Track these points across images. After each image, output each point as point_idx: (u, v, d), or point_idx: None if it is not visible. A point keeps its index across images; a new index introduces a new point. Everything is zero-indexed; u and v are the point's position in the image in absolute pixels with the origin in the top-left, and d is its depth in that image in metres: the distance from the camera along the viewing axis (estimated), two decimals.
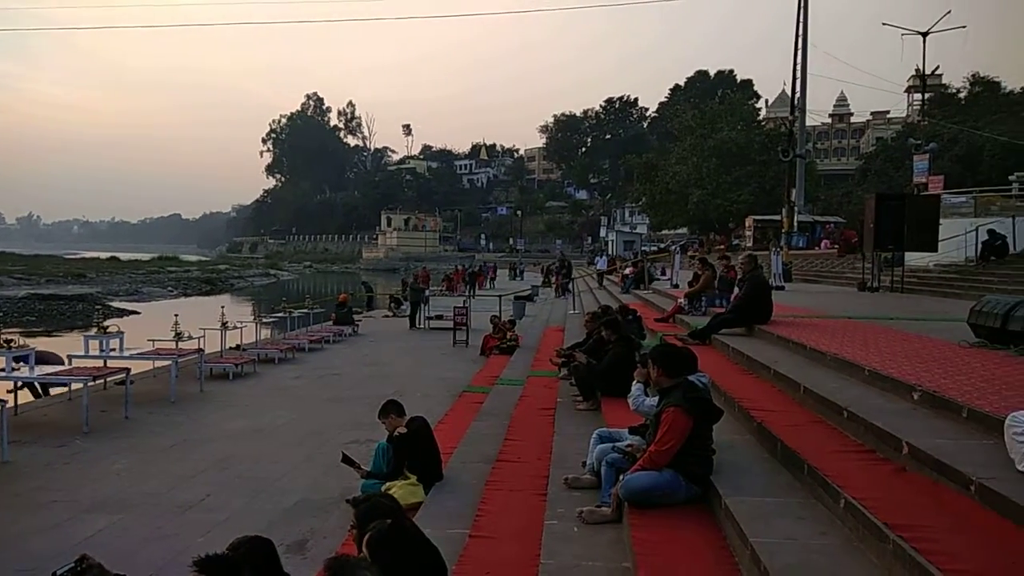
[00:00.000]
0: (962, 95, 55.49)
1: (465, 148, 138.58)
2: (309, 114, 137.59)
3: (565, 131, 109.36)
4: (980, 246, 17.18)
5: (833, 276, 22.34)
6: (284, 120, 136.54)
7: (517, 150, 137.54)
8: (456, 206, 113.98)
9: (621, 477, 4.22)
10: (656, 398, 4.69)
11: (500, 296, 21.88)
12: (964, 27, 34.98)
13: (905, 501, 3.29)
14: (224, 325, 13.89)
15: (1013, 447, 3.29)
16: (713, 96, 74.50)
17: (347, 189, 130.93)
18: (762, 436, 4.86)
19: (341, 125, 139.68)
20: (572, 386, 8.06)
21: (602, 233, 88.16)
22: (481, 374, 12.08)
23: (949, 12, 34.15)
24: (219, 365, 12.53)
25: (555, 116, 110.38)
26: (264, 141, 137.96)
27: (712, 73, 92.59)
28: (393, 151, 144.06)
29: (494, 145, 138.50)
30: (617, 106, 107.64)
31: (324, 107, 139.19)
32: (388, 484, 5.63)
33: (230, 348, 14.38)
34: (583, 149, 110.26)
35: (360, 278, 43.27)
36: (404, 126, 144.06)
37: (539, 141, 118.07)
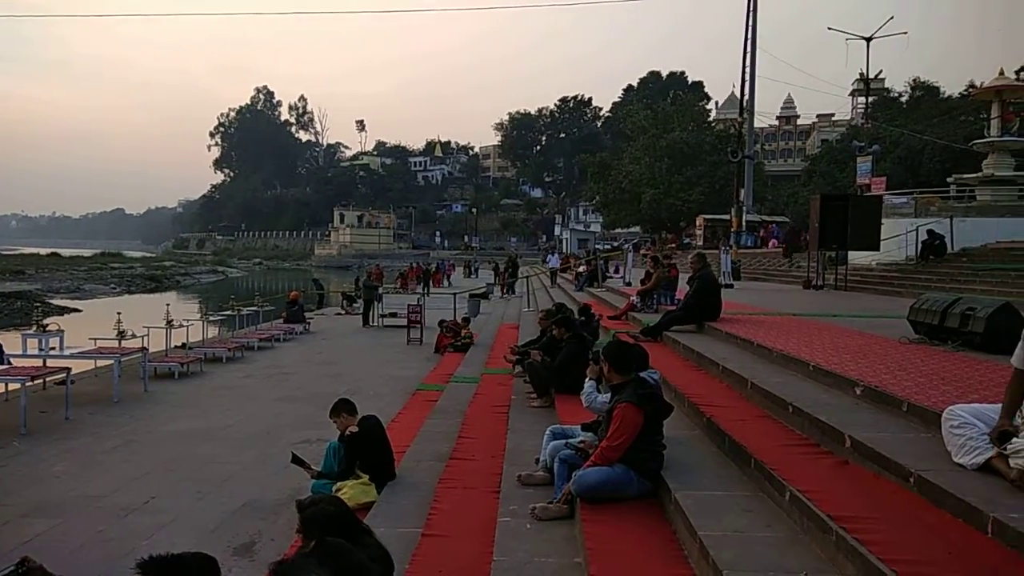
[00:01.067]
0: (904, 99, 57.35)
1: (420, 145, 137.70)
2: (259, 108, 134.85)
3: (520, 129, 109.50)
4: (920, 245, 17.79)
5: (780, 274, 22.88)
6: (233, 114, 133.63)
7: (472, 147, 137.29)
8: (411, 203, 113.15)
9: (574, 473, 4.25)
10: (608, 395, 4.73)
11: (455, 294, 21.81)
12: (905, 33, 36.33)
13: (848, 493, 3.38)
14: (169, 323, 13.52)
15: (950, 440, 3.41)
16: (665, 97, 75.48)
17: (299, 185, 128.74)
18: (711, 431, 4.95)
19: (292, 120, 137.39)
20: (526, 383, 8.09)
21: (556, 231, 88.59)
22: (435, 372, 12.03)
23: (892, 18, 35.42)
24: (164, 364, 12.19)
25: (510, 114, 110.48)
26: (212, 135, 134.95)
27: (664, 74, 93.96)
28: (346, 147, 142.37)
29: (449, 142, 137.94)
30: (571, 105, 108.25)
31: (275, 101, 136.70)
32: (339, 484, 5.56)
33: (176, 347, 14.02)
34: (538, 147, 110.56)
35: (312, 275, 42.58)
36: (358, 121, 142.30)
37: (494, 139, 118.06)
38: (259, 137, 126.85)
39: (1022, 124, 28.57)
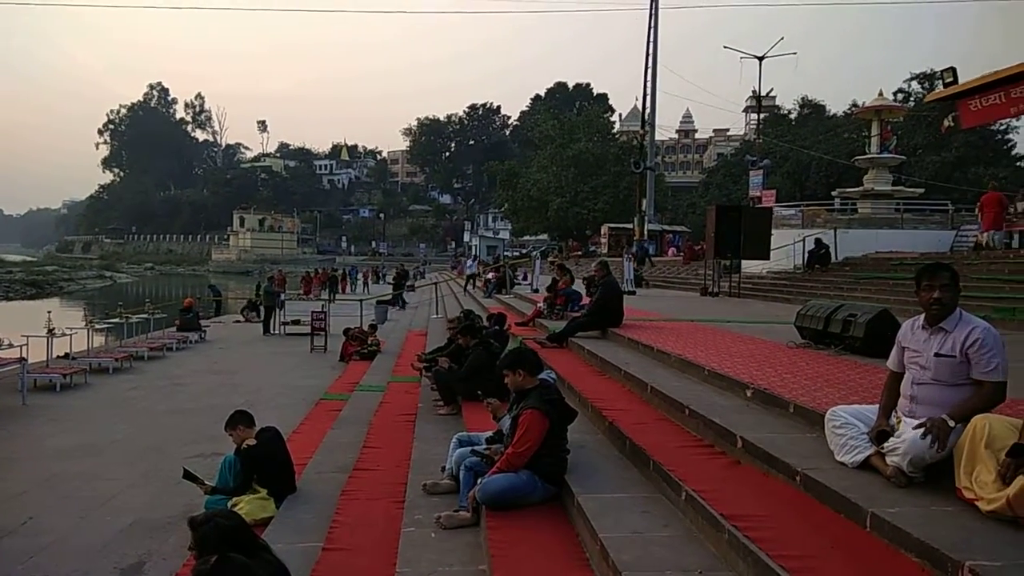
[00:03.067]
0: (793, 116, 60.79)
1: (325, 148, 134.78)
2: (152, 105, 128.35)
3: (429, 135, 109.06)
4: (807, 255, 18.87)
5: (679, 282, 23.70)
6: (124, 110, 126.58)
7: (380, 152, 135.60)
8: (315, 207, 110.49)
9: (479, 480, 4.24)
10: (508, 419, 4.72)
11: (361, 300, 21.44)
12: (795, 53, 38.33)
13: (739, 492, 3.53)
14: (51, 332, 12.67)
15: (832, 440, 3.61)
16: (571, 107, 77.18)
17: (195, 186, 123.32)
18: (613, 435, 5.06)
19: (188, 118, 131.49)
20: (433, 391, 8.03)
21: (466, 238, 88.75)
22: (340, 381, 11.78)
23: (782, 39, 37.31)
24: (45, 375, 11.40)
25: (419, 119, 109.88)
26: (101, 132, 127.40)
27: (571, 85, 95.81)
28: (247, 148, 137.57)
29: (356, 146, 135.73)
30: (480, 113, 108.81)
31: (169, 98, 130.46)
32: (235, 500, 5.34)
33: (58, 357, 13.13)
34: (447, 154, 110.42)
35: (209, 281, 40.84)
36: (259, 122, 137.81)
37: (403, 144, 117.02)
38: (152, 135, 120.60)
39: (899, 142, 30.87)
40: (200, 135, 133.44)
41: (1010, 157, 44.71)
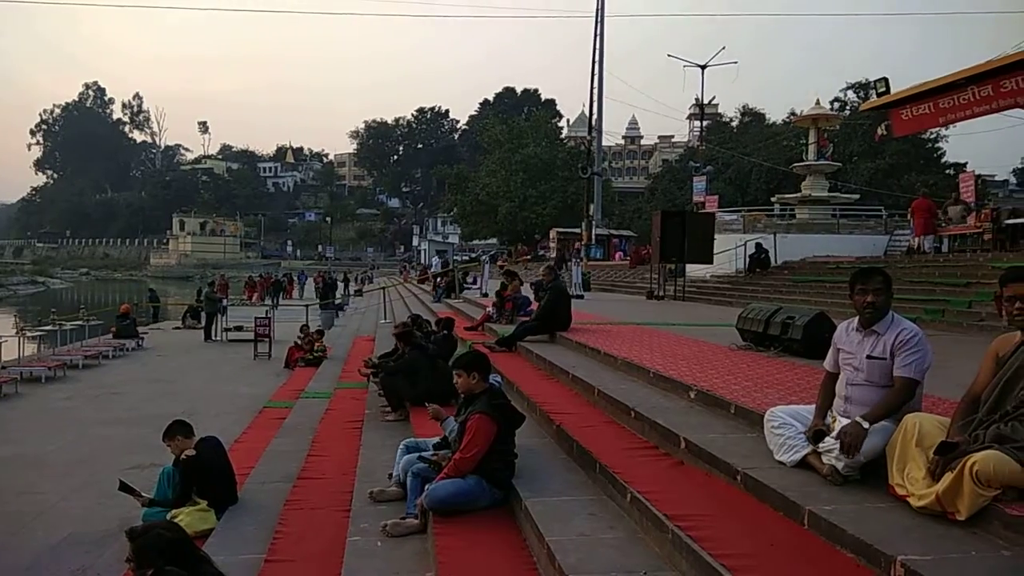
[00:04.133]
0: (734, 124, 62.36)
1: (270, 150, 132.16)
2: (88, 105, 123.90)
3: (376, 138, 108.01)
4: (748, 259, 19.35)
5: (626, 285, 24.02)
6: (58, 110, 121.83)
7: (327, 154, 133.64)
8: (260, 210, 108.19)
9: (426, 487, 4.21)
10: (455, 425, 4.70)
11: (307, 306, 21.10)
12: (736, 63, 39.36)
13: (682, 493, 3.59)
14: None
15: (771, 439, 3.70)
16: (520, 112, 77.54)
17: (133, 189, 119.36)
18: (561, 438, 5.09)
19: (126, 119, 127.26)
20: (381, 397, 7.95)
21: (415, 242, 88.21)
22: (284, 388, 11.55)
23: (724, 48, 38.36)
24: None
25: (366, 122, 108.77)
26: (33, 132, 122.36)
27: (519, 90, 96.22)
28: (187, 149, 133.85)
29: (301, 148, 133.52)
30: (429, 116, 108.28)
31: (106, 98, 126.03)
32: (174, 512, 5.18)
33: None
34: (395, 157, 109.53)
35: (148, 286, 39.61)
36: (200, 123, 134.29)
37: (350, 147, 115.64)
38: (88, 136, 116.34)
39: (835, 149, 31.93)
40: (138, 136, 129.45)
41: (940, 165, 46.68)
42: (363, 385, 9.27)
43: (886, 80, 12.24)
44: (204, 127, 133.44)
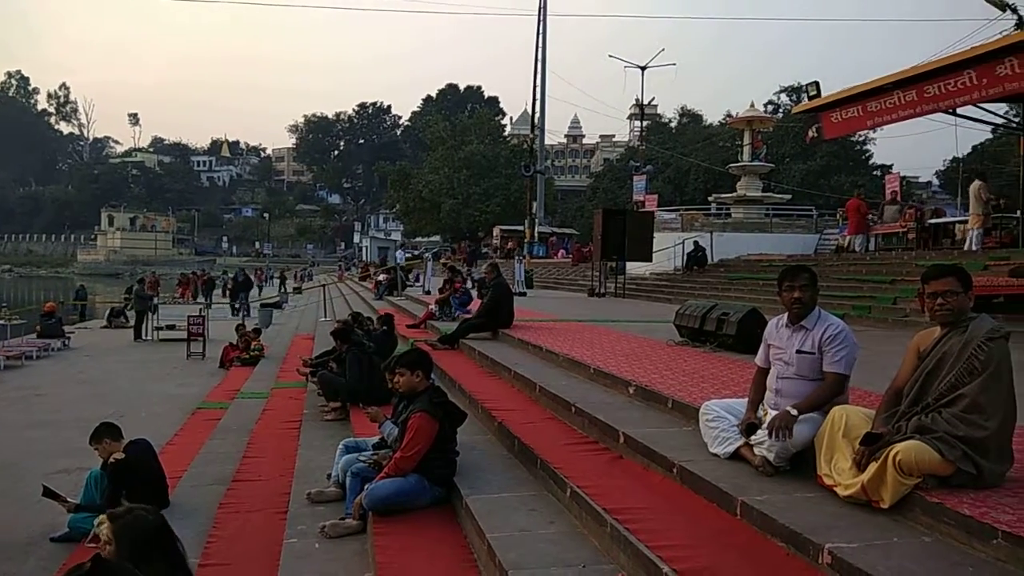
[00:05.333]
0: (673, 124, 63.53)
1: (204, 143, 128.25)
2: (11, 95, 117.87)
3: (317, 133, 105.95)
4: (686, 257, 19.77)
5: (568, 283, 24.23)
6: None
7: (264, 149, 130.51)
8: (193, 205, 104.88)
9: (366, 486, 4.16)
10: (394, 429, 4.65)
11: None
12: (674, 64, 40.18)
13: (621, 486, 3.64)
14: None
15: (706, 432, 3.80)
16: (463, 109, 77.31)
17: (59, 182, 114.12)
18: (502, 435, 5.10)
19: (52, 109, 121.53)
20: (320, 396, 7.81)
21: (356, 239, 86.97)
22: (219, 388, 11.24)
23: (663, 50, 39.09)
24: None
25: (306, 116, 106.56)
26: None
27: (462, 87, 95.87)
28: (117, 142, 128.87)
29: (238, 142, 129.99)
30: (371, 111, 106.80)
31: (30, 88, 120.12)
32: (102, 517, 4.98)
33: None
34: (336, 152, 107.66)
35: (76, 283, 37.99)
36: (131, 115, 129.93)
37: (288, 141, 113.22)
38: (10, 127, 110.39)
39: (769, 151, 32.88)
40: (65, 128, 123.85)
41: (868, 166, 48.63)
42: (302, 384, 9.10)
43: (817, 84, 12.67)
44: (135, 119, 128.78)
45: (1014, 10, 18.27)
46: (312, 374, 8.44)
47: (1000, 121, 14.91)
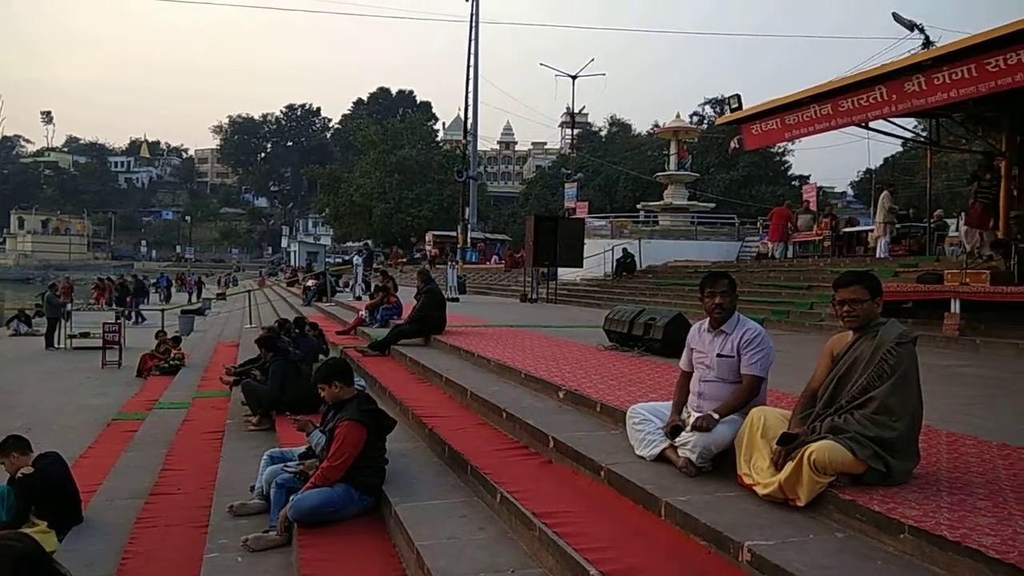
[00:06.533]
0: (603, 133, 64.68)
1: (123, 143, 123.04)
2: None
3: (242, 134, 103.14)
4: (615, 263, 20.14)
5: (501, 288, 24.31)
6: None
7: (186, 149, 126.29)
8: (110, 208, 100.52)
9: (291, 498, 4.07)
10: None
11: (163, 310, 19.82)
12: (604, 74, 40.99)
13: (550, 491, 3.67)
14: None
15: (632, 435, 3.87)
16: (395, 113, 76.70)
17: None
18: (433, 441, 5.07)
19: None
20: (244, 405, 7.58)
21: (284, 243, 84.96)
22: (137, 398, 10.79)
23: (592, 60, 39.72)
24: None
25: (231, 117, 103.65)
26: None
27: (394, 91, 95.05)
28: (28, 140, 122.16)
29: (158, 142, 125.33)
30: (299, 113, 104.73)
31: None
32: None
33: None
34: (263, 154, 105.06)
35: None
36: (43, 113, 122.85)
37: (212, 142, 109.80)
38: None
39: (694, 160, 33.82)
40: None
41: (787, 177, 50.68)
42: (225, 394, 8.82)
43: (739, 97, 13.08)
44: (47, 117, 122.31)
45: (921, 30, 19.41)
46: (235, 383, 8.19)
47: (909, 135, 15.70)
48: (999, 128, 12.29)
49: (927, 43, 18.13)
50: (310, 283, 22.48)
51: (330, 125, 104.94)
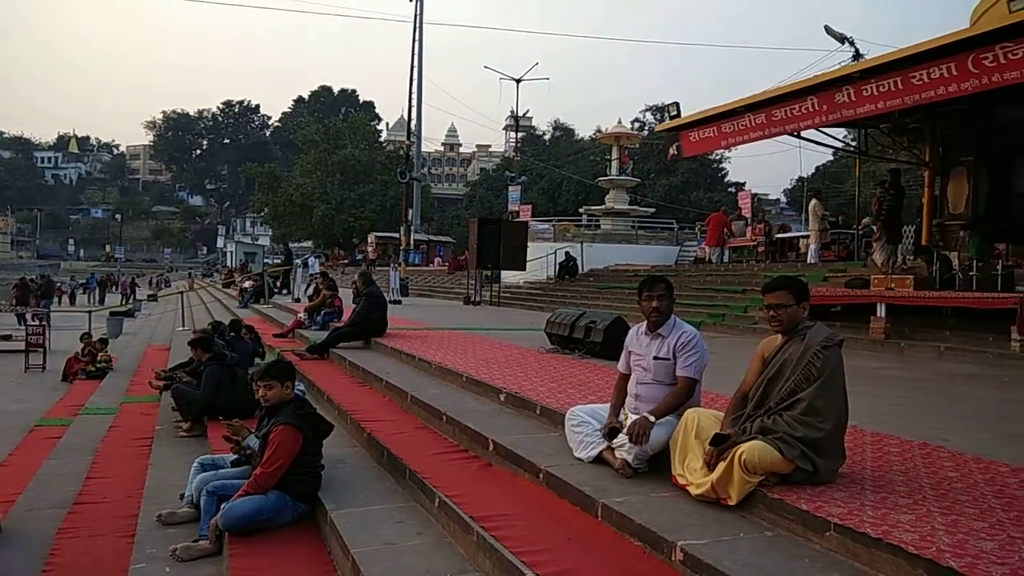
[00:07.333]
0: (547, 137, 65.19)
1: (50, 137, 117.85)
2: None
3: (177, 130, 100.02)
4: (558, 267, 20.30)
5: (444, 291, 24.20)
6: None
7: (117, 145, 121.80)
8: (35, 205, 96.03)
9: (222, 505, 3.95)
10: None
11: (90, 312, 19.05)
12: (548, 79, 41.29)
13: (489, 494, 3.67)
14: None
15: (571, 437, 3.90)
16: (337, 112, 75.57)
17: None
18: (372, 446, 5.00)
19: None
20: (174, 411, 7.34)
21: (220, 243, 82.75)
22: (62, 403, 10.32)
23: (536, 64, 39.97)
24: None
25: (165, 113, 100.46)
26: None
27: (336, 90, 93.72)
28: None
29: (88, 137, 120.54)
30: (237, 110, 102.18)
31: None
32: None
33: None
34: (198, 151, 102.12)
35: None
36: None
37: (145, 138, 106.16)
38: None
39: (635, 166, 34.37)
40: None
41: (724, 183, 52.07)
42: (154, 399, 8.53)
43: (677, 104, 13.35)
44: None
45: (852, 43, 20.19)
46: (166, 387, 7.92)
47: (839, 145, 16.36)
48: (923, 139, 12.91)
49: (857, 56, 18.87)
50: (247, 284, 21.94)
51: (270, 123, 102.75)
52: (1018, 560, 2.27)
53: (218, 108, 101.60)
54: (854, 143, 16.02)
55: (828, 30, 20.78)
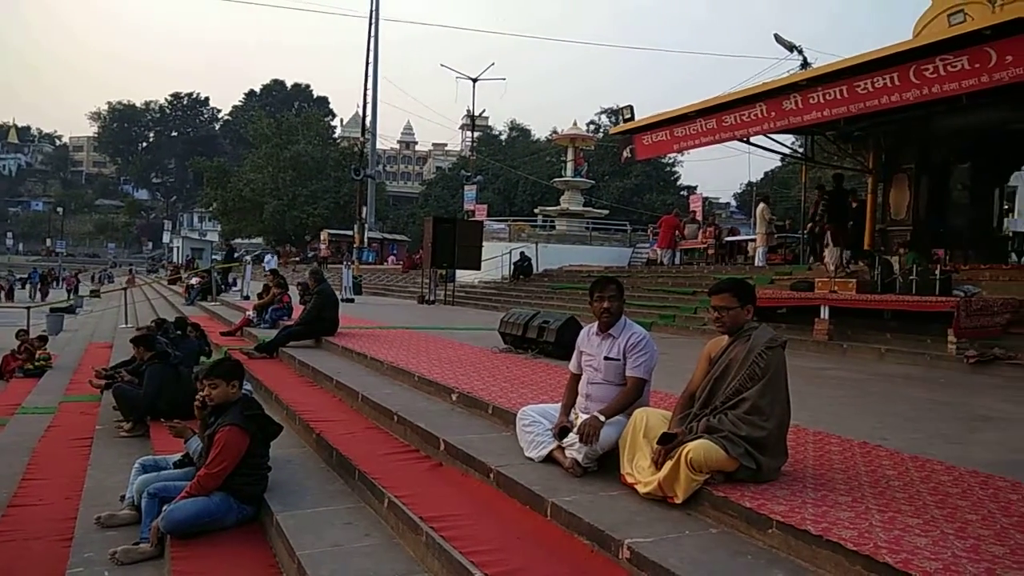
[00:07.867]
0: (503, 137, 65.21)
1: None
2: None
3: (122, 122, 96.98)
4: (513, 266, 20.34)
5: (398, 290, 24.03)
6: None
7: (60, 136, 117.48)
8: None
9: (164, 507, 3.85)
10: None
11: (28, 308, 18.35)
12: (504, 79, 41.26)
13: (439, 494, 3.65)
14: None
15: (521, 437, 3.91)
16: (290, 107, 74.32)
17: None
18: (320, 447, 4.93)
19: None
20: (115, 410, 7.12)
21: (166, 238, 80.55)
22: None
23: (493, 64, 39.96)
24: None
25: (110, 103, 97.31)
26: None
27: (289, 84, 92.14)
28: None
29: (28, 127, 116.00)
30: (185, 103, 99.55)
31: None
32: None
33: None
34: (144, 144, 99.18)
35: None
36: None
37: (89, 129, 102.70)
38: None
39: (590, 167, 34.66)
40: None
41: (676, 187, 52.86)
42: (95, 398, 8.25)
43: (631, 108, 13.54)
44: None
45: (800, 51, 20.70)
46: (107, 386, 7.68)
47: (787, 151, 16.79)
48: (867, 147, 13.33)
49: (805, 64, 19.35)
50: (194, 281, 21.42)
51: (219, 116, 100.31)
52: (950, 555, 2.36)
53: (166, 100, 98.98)
54: (801, 149, 16.45)
55: (778, 39, 21.25)
